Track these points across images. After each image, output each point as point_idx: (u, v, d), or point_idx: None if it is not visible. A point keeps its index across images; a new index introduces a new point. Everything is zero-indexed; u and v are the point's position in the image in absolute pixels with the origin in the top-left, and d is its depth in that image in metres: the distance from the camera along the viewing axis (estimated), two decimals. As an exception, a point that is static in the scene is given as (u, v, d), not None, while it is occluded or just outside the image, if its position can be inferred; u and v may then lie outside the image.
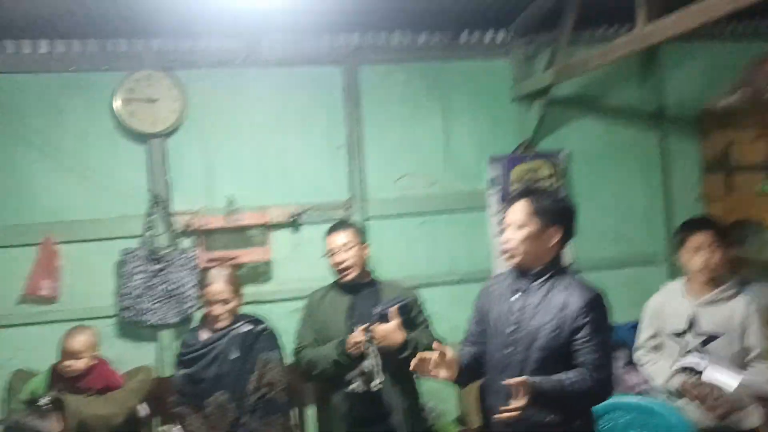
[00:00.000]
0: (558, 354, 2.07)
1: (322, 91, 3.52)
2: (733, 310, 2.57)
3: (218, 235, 3.34)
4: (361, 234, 2.85)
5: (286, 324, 3.02)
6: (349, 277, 2.72)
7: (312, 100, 3.51)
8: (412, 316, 2.66)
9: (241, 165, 3.41)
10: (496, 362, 2.19)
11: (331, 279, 3.37)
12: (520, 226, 2.13)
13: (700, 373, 1.60)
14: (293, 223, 3.43)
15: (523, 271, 2.19)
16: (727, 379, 1.50)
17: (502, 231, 2.22)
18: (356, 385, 2.59)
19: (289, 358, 2.76)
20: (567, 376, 2.03)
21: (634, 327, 3.42)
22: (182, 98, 3.30)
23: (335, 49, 3.52)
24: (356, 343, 2.54)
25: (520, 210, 2.15)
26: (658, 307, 2.76)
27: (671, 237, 3.76)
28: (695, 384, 2.54)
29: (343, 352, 2.57)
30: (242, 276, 3.24)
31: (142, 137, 3.29)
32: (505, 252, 2.19)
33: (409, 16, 3.40)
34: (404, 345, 2.51)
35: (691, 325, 2.62)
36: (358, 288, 2.76)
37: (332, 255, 2.76)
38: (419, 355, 2.10)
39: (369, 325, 2.54)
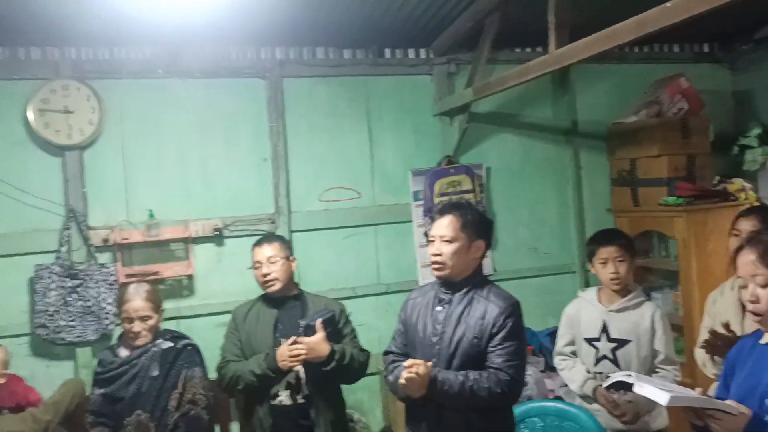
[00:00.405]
0: (479, 361, 2.16)
1: (247, 103, 3.51)
2: (641, 317, 2.73)
3: (138, 250, 3.26)
4: (288, 247, 2.85)
5: (209, 339, 2.98)
6: (274, 289, 2.72)
7: (236, 112, 3.49)
8: (338, 327, 2.68)
9: (163, 178, 3.35)
10: None
11: (256, 292, 3.36)
12: (450, 241, 2.21)
13: (631, 385, 1.72)
14: (217, 237, 3.39)
15: (447, 283, 2.27)
16: (658, 395, 1.62)
17: (430, 243, 2.28)
18: (282, 398, 2.59)
19: (212, 374, 2.72)
20: (468, 375, 2.13)
21: (549, 334, 3.59)
22: (100, 109, 3.21)
23: (260, 61, 3.53)
24: (293, 356, 2.52)
25: (448, 225, 2.23)
26: (573, 314, 2.91)
27: (583, 248, 4.00)
28: (605, 391, 2.70)
29: (270, 366, 2.56)
30: (163, 291, 3.18)
31: (57, 149, 3.18)
32: (435, 265, 2.26)
33: (333, 32, 3.46)
34: (330, 357, 2.53)
35: (603, 331, 2.78)
36: (284, 301, 2.76)
37: (258, 267, 2.75)
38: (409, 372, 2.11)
39: (295, 340, 2.54)
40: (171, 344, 2.53)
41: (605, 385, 1.91)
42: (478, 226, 2.27)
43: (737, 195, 3.66)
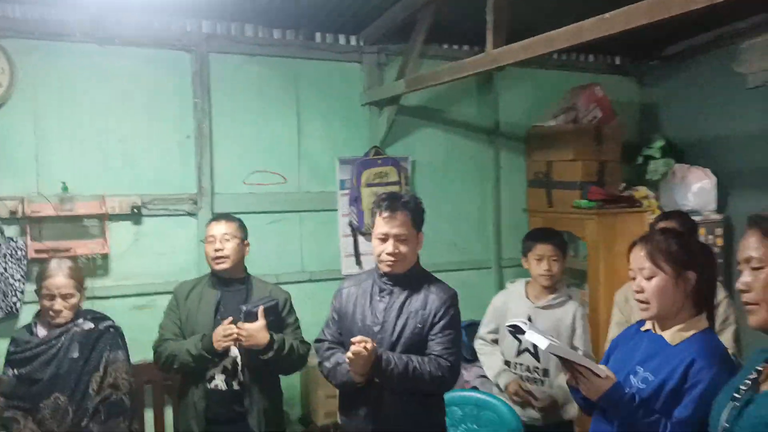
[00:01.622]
0: (420, 350, 2.21)
1: (171, 77, 3.36)
2: (564, 315, 2.87)
3: (50, 224, 3.05)
4: (245, 231, 2.77)
5: (125, 321, 2.80)
6: (223, 267, 2.63)
7: (160, 85, 3.33)
8: (281, 316, 2.63)
9: (78, 149, 3.14)
10: None
11: (175, 275, 3.25)
12: (405, 240, 2.23)
13: (524, 332, 1.89)
14: (135, 215, 3.23)
15: (386, 274, 2.29)
16: (541, 340, 1.79)
17: (380, 240, 2.26)
18: (217, 383, 2.52)
19: (134, 358, 2.60)
20: (413, 359, 2.17)
21: (466, 327, 3.69)
22: (10, 71, 2.97)
23: (186, 34, 3.39)
24: (221, 338, 2.46)
25: (403, 224, 2.23)
26: (500, 305, 3.01)
27: (499, 245, 4.15)
28: (518, 386, 2.84)
29: (206, 347, 2.48)
30: (77, 269, 2.99)
31: (-41, 111, 2.91)
32: (390, 262, 2.25)
33: (262, 10, 3.38)
34: (269, 346, 2.48)
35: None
36: (229, 283, 2.68)
37: (211, 242, 2.66)
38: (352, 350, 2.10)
39: (234, 321, 2.47)
40: (92, 325, 2.39)
41: (506, 325, 2.06)
42: (421, 220, 2.31)
43: (642, 202, 3.92)
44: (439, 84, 3.26)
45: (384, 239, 2.24)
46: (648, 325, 1.92)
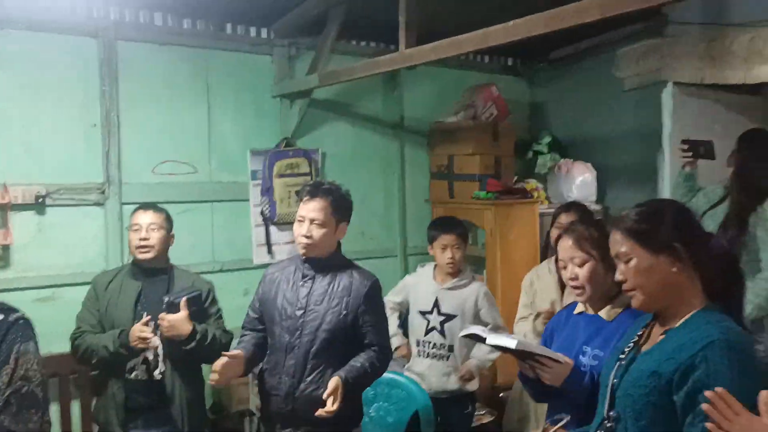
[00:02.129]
0: (342, 335, 2.33)
1: (77, 63, 3.26)
2: (468, 295, 3.11)
3: (-55, 214, 2.88)
4: (171, 221, 2.76)
5: (29, 315, 2.73)
6: (146, 257, 2.62)
7: (65, 72, 3.23)
8: (204, 307, 2.65)
9: (-22, 136, 2.99)
10: (283, 345, 2.34)
11: (81, 268, 3.18)
12: (322, 225, 2.32)
13: (484, 339, 2.01)
14: (38, 205, 3.11)
15: (309, 259, 2.39)
16: (507, 341, 1.93)
17: (298, 222, 2.36)
18: (138, 373, 2.51)
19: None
20: (364, 361, 2.29)
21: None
22: None
23: (92, 20, 3.29)
24: (141, 338, 2.46)
25: (321, 210, 2.33)
26: (411, 284, 3.24)
27: (404, 234, 4.36)
28: (406, 348, 3.14)
29: (123, 344, 2.47)
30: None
31: None
32: (303, 244, 2.35)
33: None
34: (191, 337, 2.50)
35: (435, 306, 3.11)
36: (151, 273, 2.66)
37: (136, 230, 2.63)
38: (213, 368, 2.17)
39: (151, 319, 2.48)
40: (2, 316, 2.30)
41: (461, 335, 2.23)
42: (345, 209, 2.42)
43: (533, 193, 4.26)
44: (352, 80, 3.38)
45: (301, 221, 2.35)
46: (580, 308, 2.11)
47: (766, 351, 2.84)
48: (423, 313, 3.14)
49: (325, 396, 2.15)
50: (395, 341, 3.11)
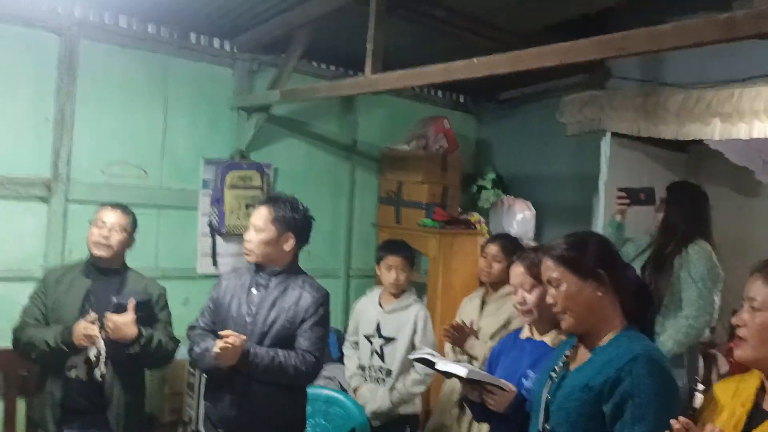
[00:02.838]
0: (288, 343, 2.37)
1: (35, 56, 3.20)
2: (407, 318, 3.18)
3: None
4: (135, 226, 2.74)
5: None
6: (101, 255, 2.58)
7: (22, 63, 3.16)
8: (153, 311, 2.62)
9: None
10: None
11: (23, 262, 3.08)
12: (260, 230, 2.39)
13: (434, 364, 2.08)
14: (-21, 196, 3.01)
15: (262, 269, 2.44)
16: (458, 369, 2.00)
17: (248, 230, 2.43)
18: (78, 372, 2.44)
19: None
20: (281, 355, 2.33)
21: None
22: None
23: (57, 16, 3.25)
24: (86, 336, 2.40)
25: (261, 216, 2.42)
26: (359, 310, 3.29)
27: (349, 255, 4.41)
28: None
29: (65, 341, 2.41)
30: None
31: None
32: (245, 250, 2.42)
33: (139, 3, 3.35)
34: (136, 340, 2.47)
35: (377, 329, 3.17)
36: (104, 273, 2.61)
37: (99, 227, 2.59)
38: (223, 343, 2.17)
39: (97, 318, 2.43)
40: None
41: (411, 357, 2.29)
42: (290, 221, 2.47)
43: (476, 225, 4.42)
44: (313, 99, 3.46)
45: (248, 228, 2.45)
46: (526, 333, 2.22)
47: (684, 386, 3.06)
48: (367, 337, 3.20)
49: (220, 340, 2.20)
50: (353, 382, 3.18)
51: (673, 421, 1.42)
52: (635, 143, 4.14)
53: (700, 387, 3.34)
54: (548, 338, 2.15)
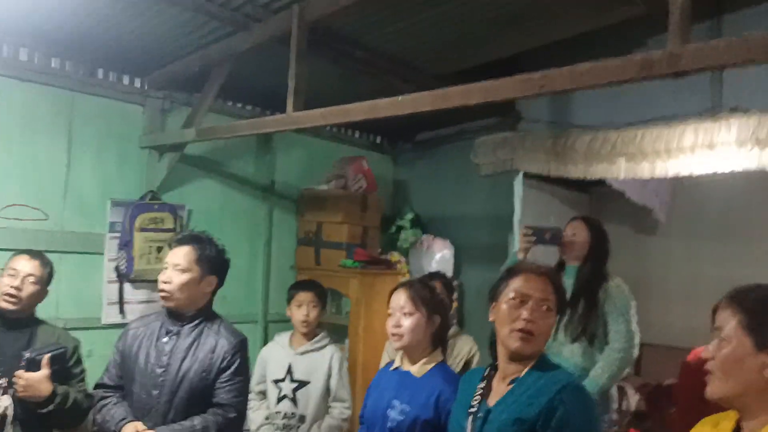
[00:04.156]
0: (204, 396, 2.20)
1: None
2: (321, 359, 3.08)
3: None
4: (51, 277, 2.56)
5: None
6: (10, 308, 2.37)
7: None
8: (67, 366, 2.39)
9: None
10: (141, 404, 2.18)
11: None
12: (183, 270, 2.23)
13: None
14: None
15: (175, 315, 2.27)
16: None
17: (163, 271, 2.26)
18: None
19: None
20: (198, 422, 2.15)
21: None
22: None
23: (-57, 45, 3.00)
24: None
25: (184, 255, 2.26)
26: (265, 356, 3.14)
27: (266, 299, 4.26)
28: None
29: None
30: None
31: None
32: (163, 293, 2.25)
33: (42, 36, 3.19)
34: (50, 399, 2.24)
35: (288, 372, 3.04)
36: (12, 324, 2.36)
37: (10, 276, 2.39)
38: None
39: (3, 375, 2.20)
40: None
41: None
42: (214, 262, 2.35)
43: (397, 265, 4.40)
44: (232, 137, 3.35)
45: (166, 268, 2.26)
46: (397, 363, 2.21)
47: (609, 423, 3.11)
48: (276, 382, 3.05)
49: None
50: (264, 430, 3.01)
51: None
52: (543, 183, 4.29)
53: (614, 416, 3.44)
54: (414, 368, 2.15)
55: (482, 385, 1.82)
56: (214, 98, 3.61)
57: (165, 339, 2.25)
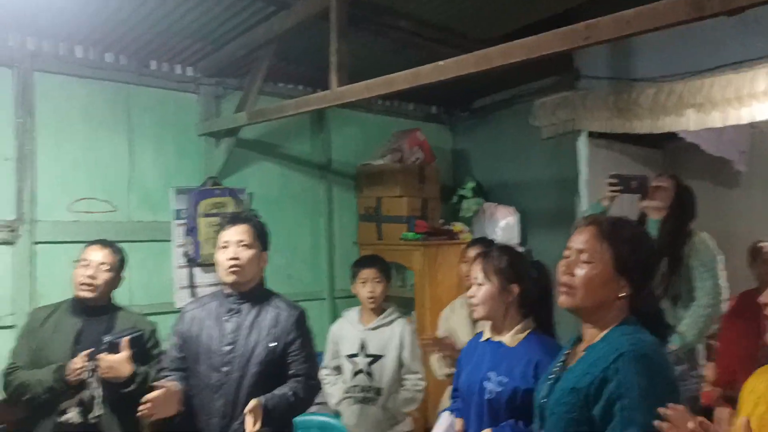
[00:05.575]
0: (274, 368, 2.25)
1: (-11, 94, 3.10)
2: (392, 333, 3.08)
3: None
4: (123, 263, 2.67)
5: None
6: (87, 295, 2.49)
7: (-25, 101, 3.05)
8: (145, 348, 2.51)
9: None
10: (210, 383, 2.23)
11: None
12: (248, 246, 2.27)
13: None
14: (-62, 241, 2.88)
15: (231, 294, 2.31)
16: None
17: (223, 249, 2.30)
18: (71, 415, 2.32)
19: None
20: (288, 390, 2.21)
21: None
22: None
23: (7, 49, 3.15)
24: (77, 369, 2.31)
25: (246, 232, 2.30)
26: (336, 332, 3.16)
27: (332, 276, 4.30)
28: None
29: (61, 378, 2.31)
30: None
31: None
32: (233, 268, 2.27)
33: (94, 32, 3.26)
34: (131, 379, 2.35)
35: (362, 348, 3.06)
36: (92, 311, 2.51)
37: (83, 266, 2.50)
38: (146, 398, 2.04)
39: (94, 352, 2.32)
40: None
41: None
42: (266, 239, 2.40)
43: (460, 235, 4.34)
44: (280, 117, 3.37)
45: (226, 247, 2.29)
46: (487, 335, 2.17)
47: (698, 379, 2.99)
48: (350, 357, 3.08)
49: (245, 410, 2.06)
50: (343, 407, 3.07)
51: (661, 409, 1.33)
52: (611, 142, 4.11)
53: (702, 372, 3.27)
54: (506, 338, 2.09)
55: (568, 351, 1.75)
56: (262, 80, 3.63)
57: (226, 317, 2.30)
